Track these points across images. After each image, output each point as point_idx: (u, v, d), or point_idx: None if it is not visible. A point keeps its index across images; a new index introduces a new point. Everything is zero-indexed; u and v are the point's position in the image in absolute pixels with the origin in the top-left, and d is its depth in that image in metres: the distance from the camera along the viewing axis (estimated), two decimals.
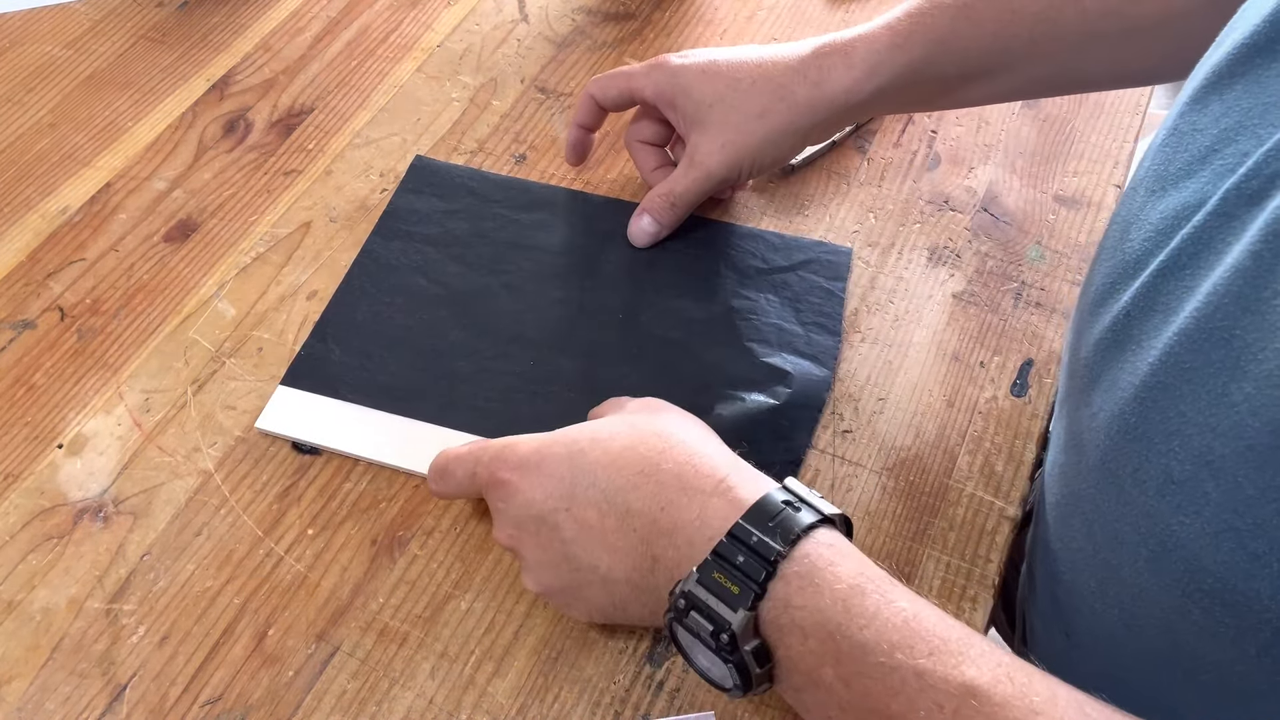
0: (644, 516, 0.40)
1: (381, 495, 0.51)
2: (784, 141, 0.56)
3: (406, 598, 0.48)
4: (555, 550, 0.42)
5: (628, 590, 0.41)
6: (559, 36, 0.73)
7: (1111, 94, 0.70)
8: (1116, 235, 0.41)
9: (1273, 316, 0.31)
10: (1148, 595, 0.38)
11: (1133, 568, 0.38)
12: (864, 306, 0.59)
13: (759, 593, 0.36)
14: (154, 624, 0.47)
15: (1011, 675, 0.33)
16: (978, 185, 0.65)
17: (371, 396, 0.53)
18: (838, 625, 0.35)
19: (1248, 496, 0.32)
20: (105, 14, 0.73)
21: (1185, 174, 0.38)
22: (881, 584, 0.36)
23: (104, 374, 0.55)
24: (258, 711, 0.44)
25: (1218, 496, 0.33)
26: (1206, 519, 0.33)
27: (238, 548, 0.49)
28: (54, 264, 0.59)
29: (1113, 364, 0.39)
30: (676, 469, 0.40)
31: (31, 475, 0.51)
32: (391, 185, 0.63)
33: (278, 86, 0.69)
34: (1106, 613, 0.42)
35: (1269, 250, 0.31)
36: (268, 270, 0.59)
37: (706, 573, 0.37)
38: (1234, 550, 0.32)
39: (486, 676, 0.45)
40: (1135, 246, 0.39)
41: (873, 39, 0.53)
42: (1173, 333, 0.35)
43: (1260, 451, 0.31)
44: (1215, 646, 0.35)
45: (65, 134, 0.66)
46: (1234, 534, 0.32)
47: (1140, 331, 0.37)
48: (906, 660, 0.33)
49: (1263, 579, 0.32)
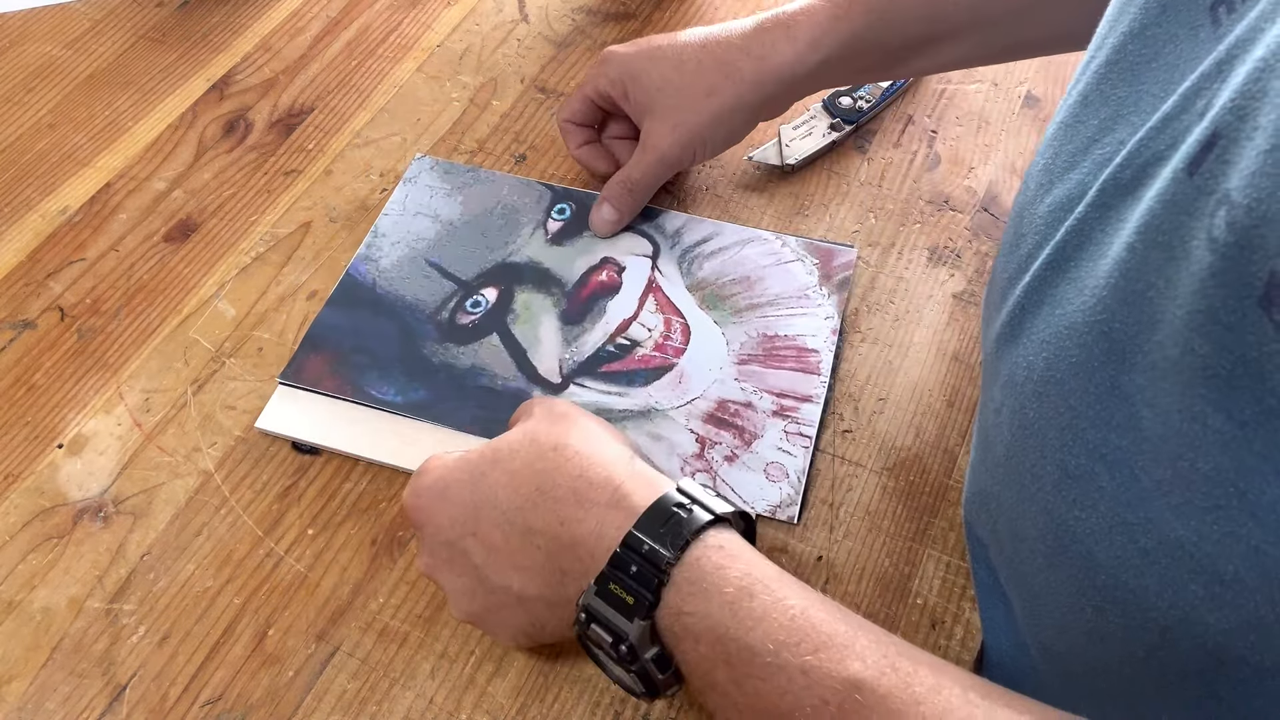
0: (546, 534, 0.40)
1: (381, 495, 0.51)
2: (734, 119, 0.56)
3: (406, 598, 0.48)
4: (469, 575, 0.42)
5: (543, 607, 0.41)
6: (559, 36, 0.73)
7: None
8: (1011, 230, 0.41)
9: (1150, 309, 0.30)
10: (1047, 593, 0.38)
11: (1033, 564, 0.38)
12: (864, 306, 0.59)
13: (652, 601, 0.36)
14: (154, 624, 0.47)
15: (896, 665, 0.33)
16: (978, 185, 0.65)
17: (371, 396, 0.53)
18: (726, 629, 0.35)
19: (1142, 489, 0.31)
20: (105, 14, 0.73)
21: (1069, 165, 0.38)
22: (771, 583, 0.36)
23: (104, 374, 0.55)
24: (258, 711, 0.44)
25: (1112, 490, 0.32)
26: (1101, 514, 0.33)
27: (238, 548, 0.49)
28: (54, 264, 0.59)
29: (1009, 359, 0.39)
30: (571, 483, 0.40)
31: (31, 475, 0.51)
32: (391, 185, 0.63)
33: (278, 86, 0.69)
34: (1021, 610, 0.42)
35: (1142, 243, 0.30)
36: (268, 270, 0.59)
37: (603, 584, 0.37)
38: (1125, 545, 0.32)
39: (486, 676, 0.45)
40: (1026, 241, 0.39)
41: (814, 11, 0.54)
42: (1061, 327, 0.35)
43: (1155, 443, 0.30)
44: (1105, 648, 0.35)
45: (65, 134, 0.66)
46: (1126, 529, 0.32)
47: (1032, 326, 0.37)
48: (792, 659, 0.34)
49: (1150, 575, 0.31)
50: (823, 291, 0.58)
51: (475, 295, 0.58)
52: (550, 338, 0.56)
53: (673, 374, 0.55)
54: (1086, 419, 0.33)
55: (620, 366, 0.55)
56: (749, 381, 0.54)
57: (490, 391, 0.54)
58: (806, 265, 0.59)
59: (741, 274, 0.59)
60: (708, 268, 0.59)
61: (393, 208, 0.62)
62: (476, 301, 0.57)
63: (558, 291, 0.58)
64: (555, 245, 0.60)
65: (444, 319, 0.57)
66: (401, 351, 0.55)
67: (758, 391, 0.54)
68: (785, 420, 0.53)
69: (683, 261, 0.60)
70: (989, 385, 0.42)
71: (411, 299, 0.57)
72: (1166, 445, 0.30)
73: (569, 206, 0.62)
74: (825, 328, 0.56)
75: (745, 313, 0.57)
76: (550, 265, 0.59)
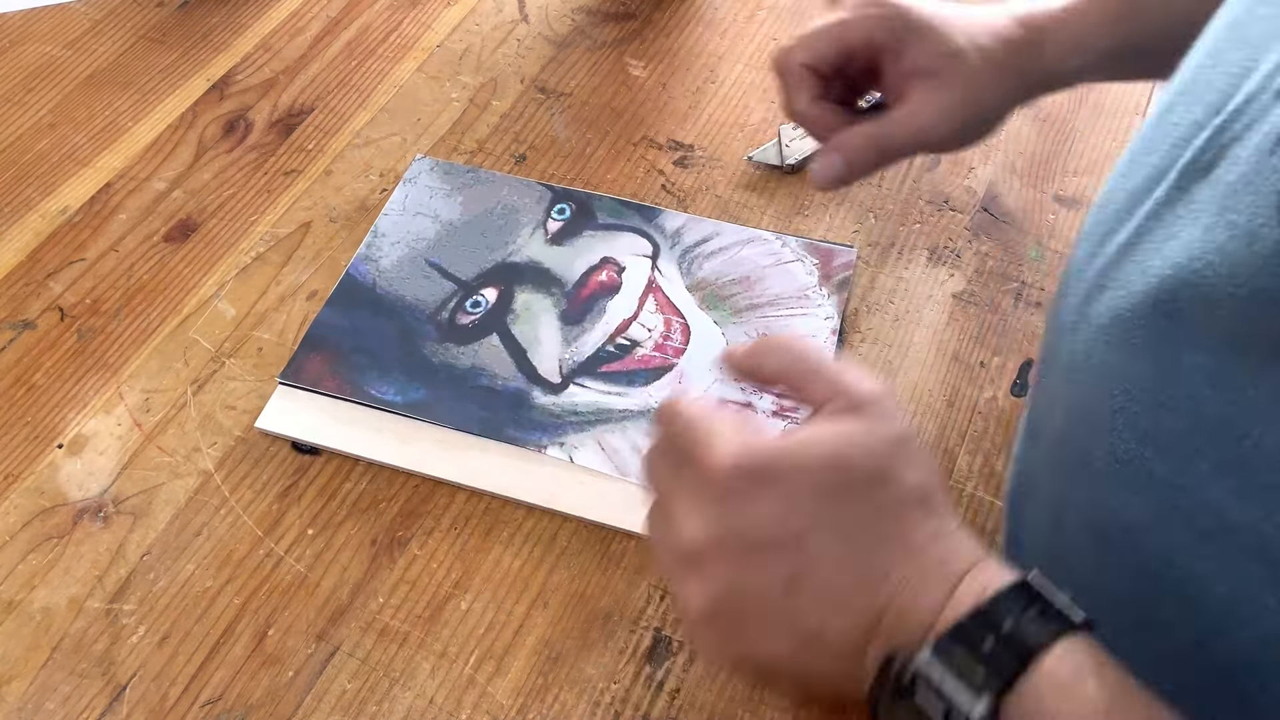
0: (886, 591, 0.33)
1: (381, 495, 0.51)
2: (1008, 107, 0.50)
3: (406, 598, 0.48)
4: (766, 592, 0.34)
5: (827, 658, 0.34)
6: (559, 36, 0.73)
7: (1111, 94, 0.70)
8: (1093, 218, 0.41)
9: (1217, 287, 0.30)
10: (1095, 583, 0.36)
11: (1079, 555, 0.38)
12: (864, 306, 0.59)
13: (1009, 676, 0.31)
14: (154, 624, 0.47)
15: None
16: (978, 185, 0.65)
17: (371, 396, 0.53)
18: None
19: (1199, 473, 0.31)
20: (105, 14, 0.73)
21: (1149, 149, 0.38)
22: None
23: (104, 374, 0.55)
24: (258, 711, 0.44)
25: (1164, 474, 0.32)
26: (1152, 499, 0.32)
27: (238, 548, 0.49)
28: (54, 264, 0.59)
29: (1069, 345, 0.39)
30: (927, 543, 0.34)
31: (31, 475, 0.51)
32: (391, 185, 0.63)
33: (278, 86, 0.69)
34: None
35: (1216, 222, 0.31)
36: (268, 270, 0.59)
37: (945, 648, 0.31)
38: (1180, 530, 0.31)
39: (486, 676, 0.45)
40: (1102, 227, 0.39)
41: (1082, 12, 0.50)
42: (1124, 309, 0.35)
43: (1215, 424, 0.30)
44: (1155, 638, 0.33)
45: (65, 134, 0.66)
46: (1180, 513, 0.31)
47: (1095, 311, 0.37)
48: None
49: (1208, 559, 0.31)
50: (822, 292, 0.58)
51: (475, 295, 0.58)
52: (550, 338, 0.56)
53: (673, 374, 0.55)
54: (1140, 403, 0.33)
55: (620, 367, 0.55)
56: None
57: (490, 391, 0.54)
58: (806, 265, 0.59)
59: (741, 274, 0.59)
60: (708, 268, 0.59)
61: (393, 208, 0.62)
62: (476, 302, 0.57)
63: (558, 292, 0.58)
64: (555, 245, 0.60)
65: (444, 319, 0.57)
66: (401, 351, 0.55)
67: (757, 392, 0.54)
68: (785, 420, 0.53)
69: (683, 261, 0.60)
70: (1047, 374, 0.41)
71: (411, 299, 0.57)
72: (1229, 426, 0.29)
73: (569, 206, 0.62)
74: (825, 328, 0.56)
75: (745, 313, 0.57)
76: (550, 265, 0.59)
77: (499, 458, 0.51)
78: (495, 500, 0.51)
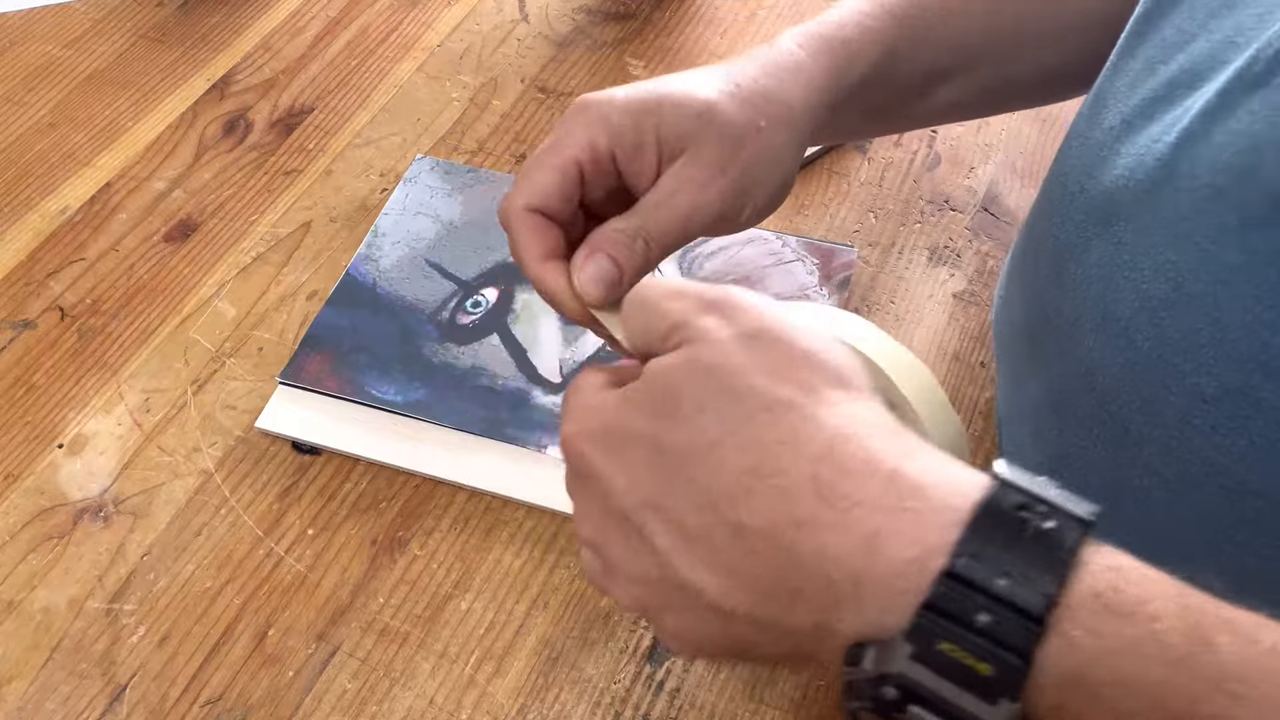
0: (767, 537, 0.28)
1: (381, 495, 0.51)
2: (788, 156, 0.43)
3: (407, 598, 0.48)
4: (647, 559, 0.30)
5: (751, 630, 0.29)
6: (559, 36, 0.73)
7: None
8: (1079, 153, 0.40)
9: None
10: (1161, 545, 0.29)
11: (1138, 521, 0.33)
12: (864, 306, 0.59)
13: (1024, 667, 0.24)
14: (154, 624, 0.46)
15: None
16: (978, 185, 0.65)
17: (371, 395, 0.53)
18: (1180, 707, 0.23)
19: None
20: (105, 14, 0.73)
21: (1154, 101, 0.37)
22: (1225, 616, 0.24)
23: (104, 374, 0.55)
24: (258, 712, 0.44)
25: (1274, 402, 0.27)
26: (1255, 434, 0.28)
27: (238, 548, 0.49)
28: (54, 264, 0.59)
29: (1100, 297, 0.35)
30: (810, 466, 0.27)
31: (31, 475, 0.51)
32: (391, 185, 0.63)
33: (278, 86, 0.69)
34: None
35: None
36: (268, 270, 0.59)
37: (925, 643, 0.25)
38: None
39: (486, 676, 0.45)
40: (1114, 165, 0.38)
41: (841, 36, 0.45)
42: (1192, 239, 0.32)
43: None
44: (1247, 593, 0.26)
45: (65, 134, 0.66)
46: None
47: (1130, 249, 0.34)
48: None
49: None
50: (823, 291, 0.58)
51: (475, 295, 0.58)
52: (550, 338, 0.56)
53: None
54: (1239, 329, 0.29)
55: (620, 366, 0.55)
56: None
57: (490, 391, 0.53)
58: (806, 265, 0.59)
59: (742, 274, 0.59)
60: (708, 267, 0.59)
61: (393, 208, 0.62)
62: (476, 301, 0.57)
63: None
64: None
65: (444, 319, 0.57)
66: (401, 351, 0.55)
67: None
68: None
69: (683, 261, 0.60)
70: (1062, 340, 0.38)
71: (411, 299, 0.57)
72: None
73: None
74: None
75: None
76: None
77: (499, 458, 0.51)
78: (495, 500, 0.51)
